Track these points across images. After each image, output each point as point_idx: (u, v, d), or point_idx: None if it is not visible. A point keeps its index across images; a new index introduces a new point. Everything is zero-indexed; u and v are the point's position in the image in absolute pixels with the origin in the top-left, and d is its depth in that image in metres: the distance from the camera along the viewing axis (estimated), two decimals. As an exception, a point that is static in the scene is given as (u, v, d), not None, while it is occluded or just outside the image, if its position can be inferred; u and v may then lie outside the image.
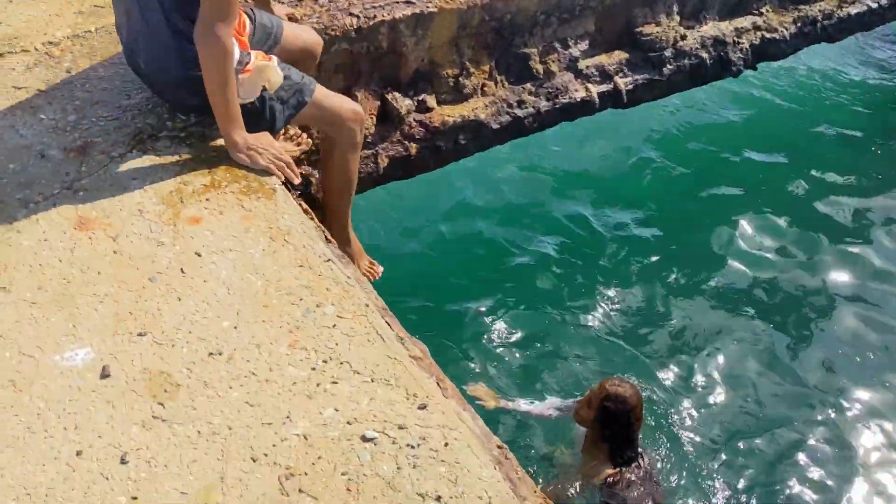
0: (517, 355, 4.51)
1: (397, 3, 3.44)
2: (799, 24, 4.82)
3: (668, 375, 4.49)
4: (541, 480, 3.71)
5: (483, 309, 4.77)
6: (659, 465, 3.95)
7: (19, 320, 1.92)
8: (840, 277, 5.23)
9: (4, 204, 2.18)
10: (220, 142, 2.46)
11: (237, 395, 1.84)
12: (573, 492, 3.49)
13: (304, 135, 3.16)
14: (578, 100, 4.10)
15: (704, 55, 4.46)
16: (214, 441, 1.76)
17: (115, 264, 2.08)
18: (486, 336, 4.63)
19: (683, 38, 4.36)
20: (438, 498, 1.72)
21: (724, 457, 4.12)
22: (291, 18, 3.07)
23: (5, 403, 1.76)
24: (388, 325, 2.13)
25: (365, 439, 1.80)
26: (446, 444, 1.82)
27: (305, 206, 2.57)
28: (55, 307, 1.96)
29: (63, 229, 2.14)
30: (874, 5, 5.18)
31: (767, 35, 4.68)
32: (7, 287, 1.98)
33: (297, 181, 2.49)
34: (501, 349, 4.55)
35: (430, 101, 3.68)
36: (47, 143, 2.38)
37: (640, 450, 3.55)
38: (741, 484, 4.06)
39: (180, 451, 1.73)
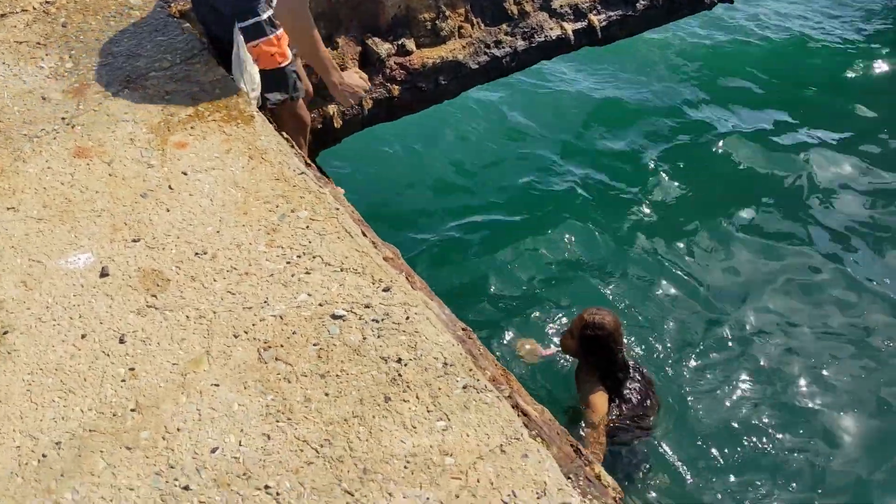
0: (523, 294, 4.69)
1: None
2: (772, -45, 4.95)
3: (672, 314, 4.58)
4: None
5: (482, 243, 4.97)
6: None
7: (28, 233, 2.17)
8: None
9: (12, 139, 2.43)
10: (203, 78, 2.69)
11: (220, 286, 2.09)
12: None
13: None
14: (554, 38, 4.27)
15: (677, -11, 4.62)
16: (201, 323, 2.00)
17: (111, 184, 2.32)
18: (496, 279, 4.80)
19: (655, -27, 4.51)
20: (399, 360, 1.95)
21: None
22: None
23: (18, 300, 2.01)
24: (361, 230, 2.36)
25: (334, 317, 2.04)
26: (407, 318, 2.05)
27: (286, 135, 2.82)
28: (59, 221, 2.21)
29: (63, 157, 2.38)
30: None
31: (740, -33, 4.82)
32: (16, 207, 2.24)
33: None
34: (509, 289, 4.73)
35: (410, 44, 3.88)
36: (47, 87, 2.62)
37: (632, 365, 3.75)
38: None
39: (171, 331, 1.98)
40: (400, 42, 3.86)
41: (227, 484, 1.70)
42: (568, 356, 3.90)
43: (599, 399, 3.58)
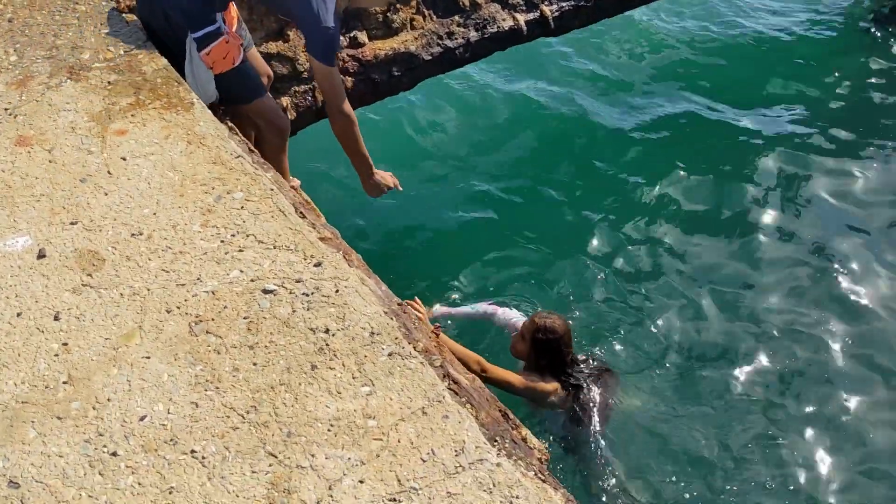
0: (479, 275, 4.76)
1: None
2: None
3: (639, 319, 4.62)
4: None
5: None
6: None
7: (-33, 219, 2.22)
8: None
9: (-47, 130, 2.49)
10: (146, 68, 2.75)
11: (155, 265, 2.14)
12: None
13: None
14: (507, 29, 4.35)
15: (629, -22, 4.70)
16: (135, 300, 2.06)
17: (51, 171, 2.37)
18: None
19: (606, -37, 4.60)
20: (327, 330, 2.02)
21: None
22: None
23: (-45, 282, 2.07)
24: (299, 210, 2.42)
25: (265, 291, 2.10)
26: (337, 291, 2.11)
27: (231, 124, 2.89)
28: (-2, 207, 2.26)
29: (5, 146, 2.44)
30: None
31: (691, -43, 4.91)
32: (-44, 194, 2.29)
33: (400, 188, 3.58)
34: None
35: (362, 36, 3.95)
36: (-9, 80, 2.68)
37: (582, 357, 3.84)
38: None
39: (105, 308, 2.04)
40: (352, 34, 3.93)
41: (154, 449, 1.76)
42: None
43: (546, 384, 3.65)
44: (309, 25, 2.96)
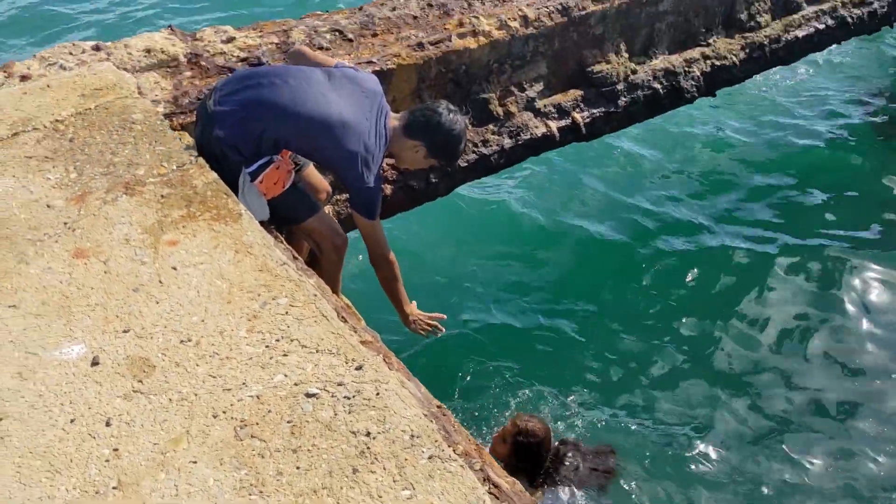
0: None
1: (360, 63, 3.92)
2: (747, 51, 5.21)
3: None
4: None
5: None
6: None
7: (26, 328, 2.33)
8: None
9: (16, 243, 2.62)
10: (196, 182, 2.90)
11: (202, 371, 2.22)
12: None
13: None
14: (540, 135, 4.50)
15: (657, 86, 4.86)
16: (182, 405, 2.12)
17: (105, 281, 2.49)
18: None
19: (634, 72, 4.77)
20: (368, 433, 2.05)
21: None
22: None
23: (13, 389, 2.15)
24: (341, 314, 2.50)
25: (308, 395, 2.16)
26: (377, 394, 2.16)
27: (281, 238, 3.02)
28: (55, 316, 2.37)
29: (63, 259, 2.57)
30: (821, 26, 5.55)
31: (717, 62, 5.07)
32: (17, 304, 2.40)
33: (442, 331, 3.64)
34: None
35: (400, 146, 4.11)
36: (52, 196, 2.83)
37: (557, 447, 3.84)
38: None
39: (154, 414, 2.10)
40: (391, 144, 4.08)
41: (200, 554, 1.79)
42: None
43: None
44: (352, 184, 3.17)
